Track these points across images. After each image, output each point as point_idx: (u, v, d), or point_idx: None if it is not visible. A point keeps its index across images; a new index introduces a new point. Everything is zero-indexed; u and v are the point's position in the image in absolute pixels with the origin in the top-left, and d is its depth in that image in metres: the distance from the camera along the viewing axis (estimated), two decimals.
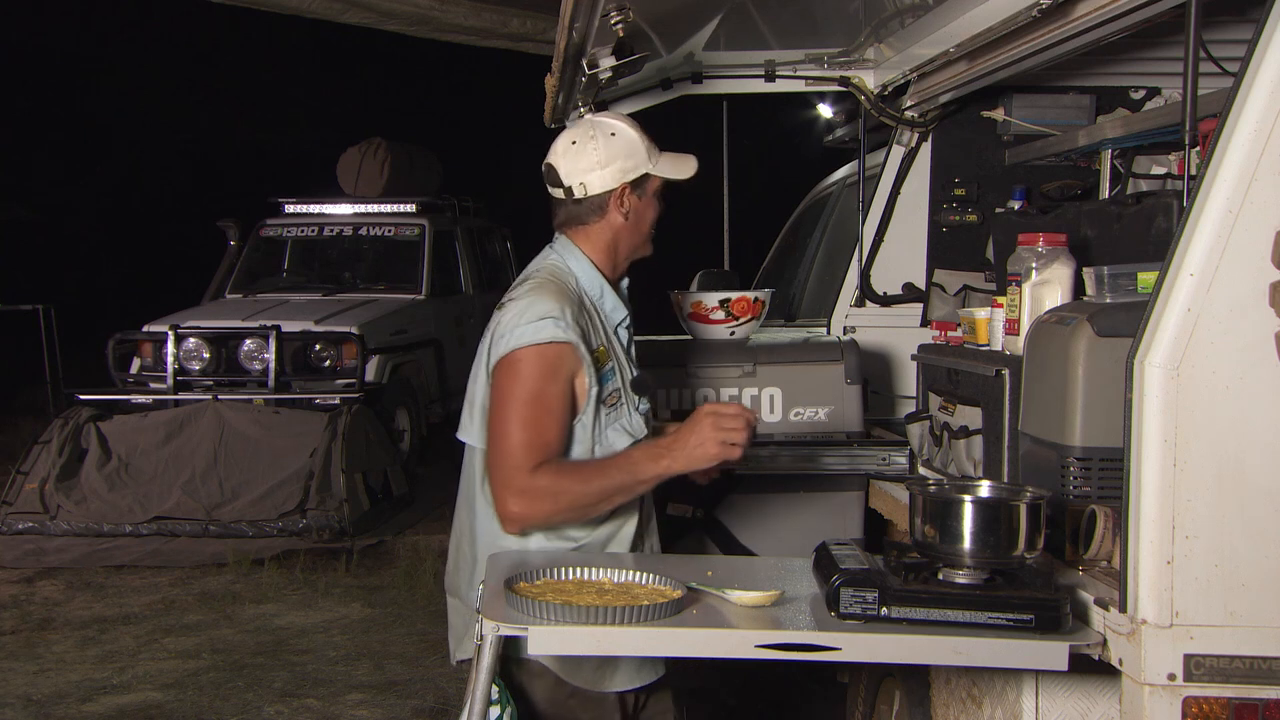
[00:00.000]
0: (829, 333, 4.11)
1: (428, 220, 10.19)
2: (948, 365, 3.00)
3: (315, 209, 10.50)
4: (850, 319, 4.13)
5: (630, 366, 2.46)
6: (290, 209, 10.50)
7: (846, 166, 5.07)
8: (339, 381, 8.17)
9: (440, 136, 14.28)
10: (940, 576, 2.01)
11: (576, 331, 2.27)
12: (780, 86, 4.08)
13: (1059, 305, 2.55)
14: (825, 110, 5.11)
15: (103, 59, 19.64)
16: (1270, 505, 1.86)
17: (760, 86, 4.09)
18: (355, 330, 8.33)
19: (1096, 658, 1.94)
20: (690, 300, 3.59)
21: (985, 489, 2.17)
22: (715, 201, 5.53)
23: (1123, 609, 1.91)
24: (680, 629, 1.92)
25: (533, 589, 2.04)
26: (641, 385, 2.45)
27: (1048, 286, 2.60)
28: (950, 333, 3.15)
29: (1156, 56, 3.49)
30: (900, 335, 3.98)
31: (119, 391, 8.22)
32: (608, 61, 2.97)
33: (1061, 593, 1.94)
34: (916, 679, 2.80)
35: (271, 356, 8.05)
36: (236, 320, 8.56)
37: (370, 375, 8.38)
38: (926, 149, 4.06)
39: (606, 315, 2.43)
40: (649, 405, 2.49)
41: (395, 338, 9.03)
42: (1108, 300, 2.38)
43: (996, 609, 1.90)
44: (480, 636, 1.98)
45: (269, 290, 9.69)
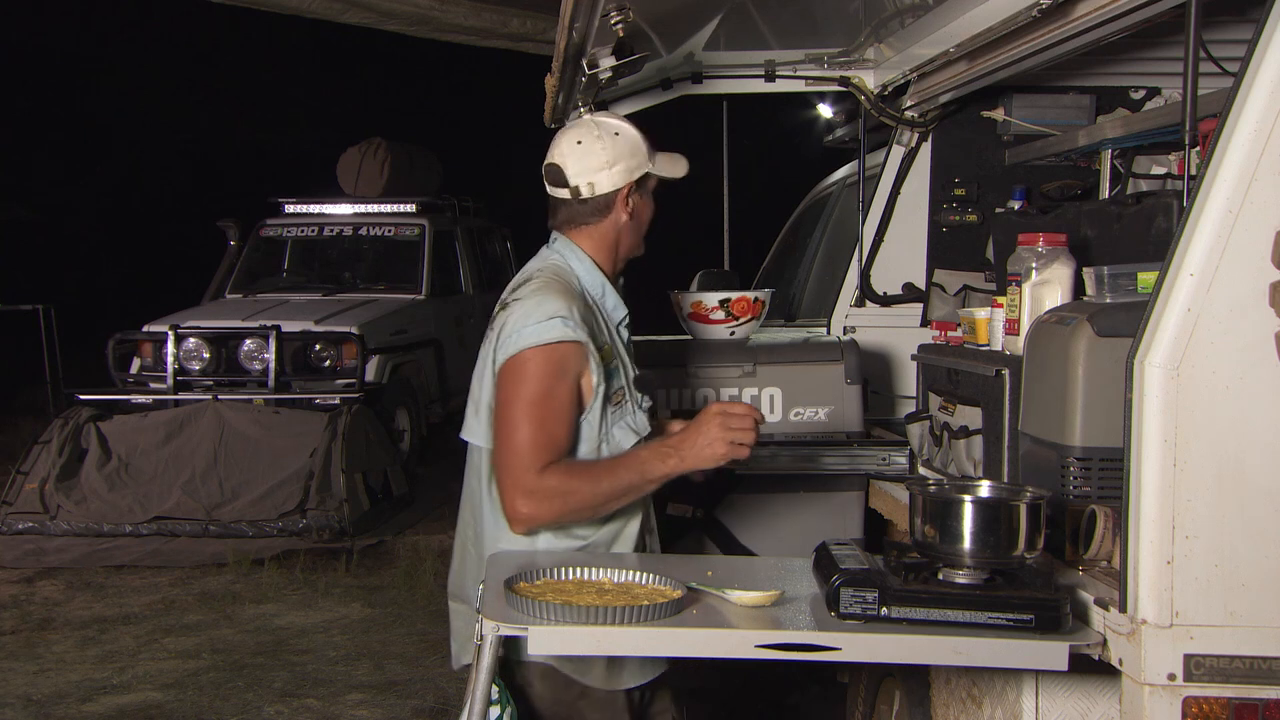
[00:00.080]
0: (829, 333, 4.11)
1: (428, 220, 10.19)
2: (948, 365, 3.00)
3: (315, 209, 10.50)
4: (850, 319, 4.13)
5: (632, 365, 2.46)
6: (290, 209, 10.50)
7: (846, 166, 5.07)
8: (339, 381, 8.17)
9: (440, 136, 14.28)
10: (940, 576, 2.01)
11: (585, 330, 2.26)
12: (780, 86, 4.08)
13: (1059, 305, 2.55)
14: (825, 110, 5.11)
15: (103, 59, 19.64)
16: (1270, 505, 1.86)
17: (760, 86, 4.09)
18: (355, 330, 8.34)
19: (1096, 658, 1.94)
20: (690, 300, 3.59)
21: (985, 489, 2.17)
22: (715, 201, 5.53)
23: (1123, 609, 1.91)
24: (680, 629, 1.92)
25: (533, 589, 2.04)
26: (645, 383, 2.46)
27: (1048, 286, 2.60)
28: (950, 333, 3.15)
29: (1156, 56, 3.49)
30: (900, 335, 3.98)
31: (119, 391, 8.22)
32: (608, 61, 2.97)
33: (1061, 593, 1.94)
34: (916, 679, 2.80)
35: (271, 356, 8.05)
36: (236, 320, 8.56)
37: (370, 375, 8.38)
38: (926, 149, 4.06)
39: (608, 314, 2.43)
40: (652, 403, 2.49)
41: (395, 338, 9.03)
42: (1108, 300, 2.38)
43: (996, 609, 1.90)
44: (480, 636, 1.98)
45: (269, 290, 9.69)
